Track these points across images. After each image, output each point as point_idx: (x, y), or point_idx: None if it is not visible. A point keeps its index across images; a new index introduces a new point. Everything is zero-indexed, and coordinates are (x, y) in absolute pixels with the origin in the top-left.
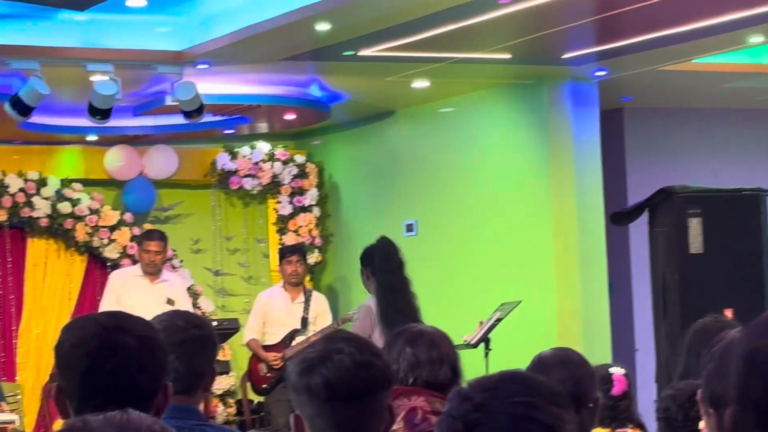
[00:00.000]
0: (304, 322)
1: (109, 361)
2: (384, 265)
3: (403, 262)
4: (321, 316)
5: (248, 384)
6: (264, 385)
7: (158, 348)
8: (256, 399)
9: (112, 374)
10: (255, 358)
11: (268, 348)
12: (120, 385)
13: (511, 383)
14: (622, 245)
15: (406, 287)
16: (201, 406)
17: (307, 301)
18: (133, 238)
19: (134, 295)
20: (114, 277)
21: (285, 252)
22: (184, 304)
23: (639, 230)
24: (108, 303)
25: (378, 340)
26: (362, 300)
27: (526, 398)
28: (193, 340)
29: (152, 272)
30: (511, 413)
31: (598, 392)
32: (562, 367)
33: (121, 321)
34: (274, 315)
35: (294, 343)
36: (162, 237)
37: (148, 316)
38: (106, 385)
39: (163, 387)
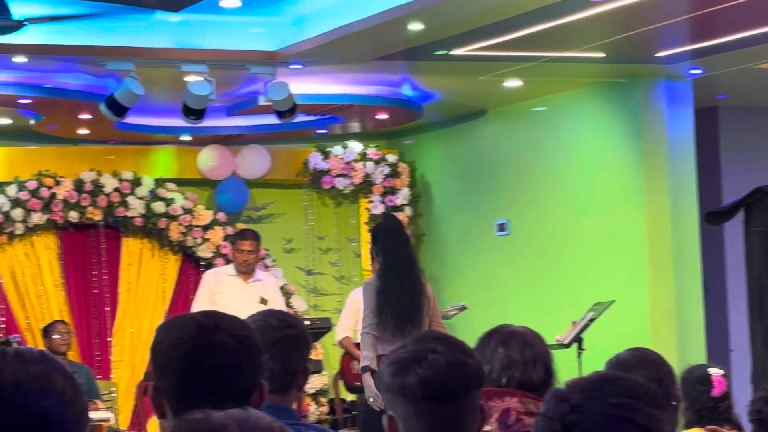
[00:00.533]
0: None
1: (208, 361)
2: (388, 242)
3: (407, 238)
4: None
5: (341, 383)
6: (357, 383)
7: (254, 347)
8: (349, 398)
9: (210, 373)
10: (347, 356)
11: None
12: (218, 384)
13: (609, 384)
14: (716, 245)
15: (410, 264)
16: (294, 405)
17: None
18: (226, 238)
19: (228, 294)
20: (207, 276)
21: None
22: (278, 304)
23: (734, 230)
24: (201, 302)
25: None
26: (456, 298)
27: (624, 399)
28: (287, 339)
29: (245, 272)
30: (608, 414)
31: (678, 390)
32: (643, 367)
33: (219, 320)
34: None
35: None
36: (255, 237)
37: (242, 315)
38: (205, 384)
39: (258, 386)
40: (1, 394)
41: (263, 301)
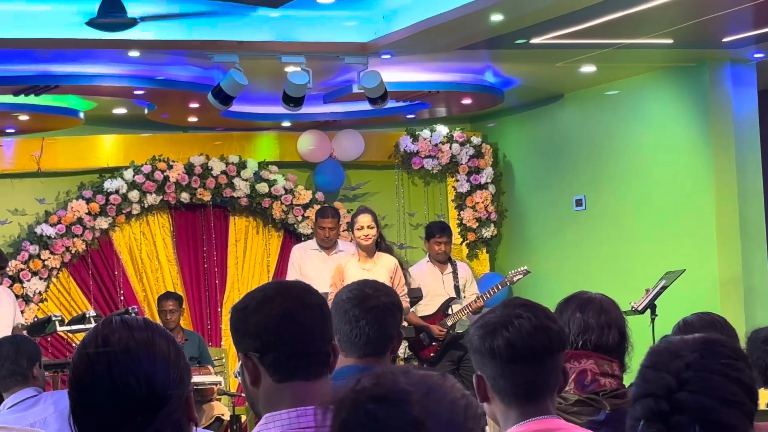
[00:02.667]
0: (458, 290)
1: (302, 314)
2: None
3: None
4: (469, 283)
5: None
6: (431, 354)
7: (327, 305)
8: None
9: (305, 327)
10: (413, 328)
11: (424, 319)
12: (312, 339)
13: (717, 346)
14: None
15: None
16: None
17: (455, 271)
18: None
19: (313, 267)
20: (294, 251)
21: (433, 232)
22: None
23: None
24: (291, 275)
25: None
26: (538, 272)
27: (733, 361)
28: (382, 306)
29: (327, 246)
30: (723, 374)
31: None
32: (710, 328)
33: (294, 282)
34: (428, 288)
35: (452, 311)
36: (335, 214)
37: (326, 284)
38: (303, 334)
39: (333, 345)
40: (110, 359)
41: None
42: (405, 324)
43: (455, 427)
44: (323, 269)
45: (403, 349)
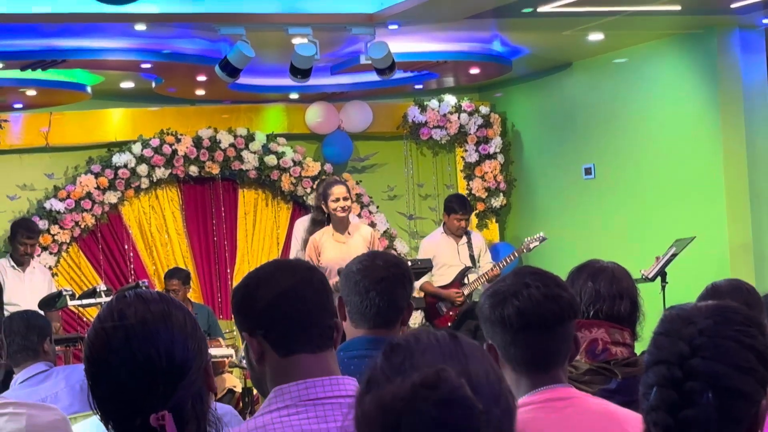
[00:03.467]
0: (473, 260)
1: (307, 288)
2: None
3: None
4: (483, 252)
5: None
6: (449, 323)
7: (321, 274)
8: None
9: (310, 299)
10: (431, 298)
11: (442, 288)
12: (316, 308)
13: (730, 312)
14: None
15: None
16: None
17: (469, 241)
18: None
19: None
20: (298, 224)
21: (455, 208)
22: None
23: None
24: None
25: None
26: (548, 240)
27: (747, 327)
28: (392, 278)
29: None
30: (736, 340)
31: (766, 320)
32: (736, 293)
33: (296, 261)
34: (443, 258)
35: (468, 281)
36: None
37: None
38: (307, 309)
39: (336, 323)
40: (128, 333)
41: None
42: (416, 295)
43: (497, 394)
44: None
45: (420, 319)
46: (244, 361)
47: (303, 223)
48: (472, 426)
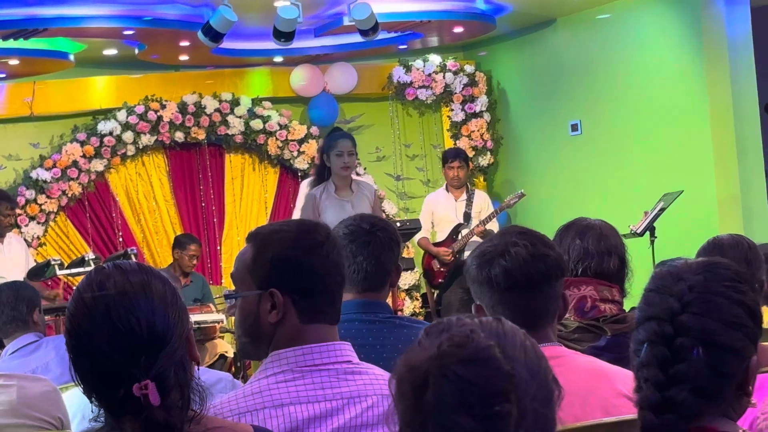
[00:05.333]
0: (467, 216)
1: (331, 254)
2: None
3: None
4: (485, 211)
5: (424, 281)
6: (440, 280)
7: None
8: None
9: (338, 264)
10: (428, 255)
11: (438, 245)
12: (342, 275)
13: (720, 269)
14: None
15: None
16: (389, 301)
17: (469, 199)
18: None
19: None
20: (303, 187)
21: (447, 157)
22: None
23: None
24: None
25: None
26: (536, 198)
27: (736, 283)
28: (379, 241)
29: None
30: (725, 296)
31: (764, 275)
32: (736, 248)
33: (317, 224)
34: (440, 214)
35: (460, 237)
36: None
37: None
38: (337, 275)
39: None
40: (109, 303)
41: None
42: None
43: (534, 369)
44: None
45: (418, 276)
46: (232, 310)
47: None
48: (500, 387)
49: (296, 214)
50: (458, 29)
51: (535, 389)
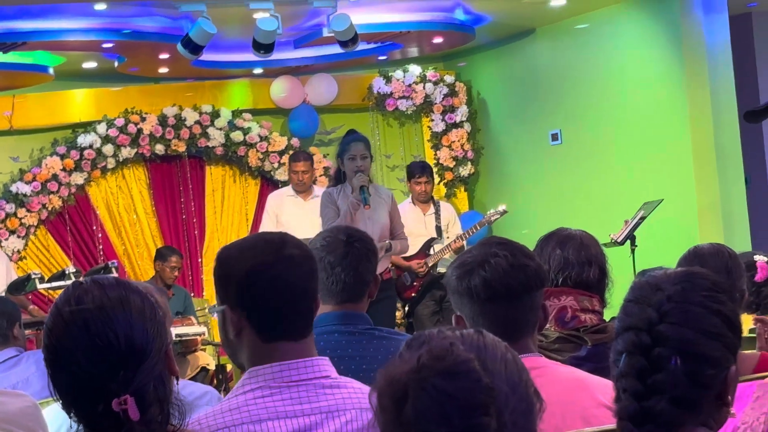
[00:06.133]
0: (439, 230)
1: (285, 273)
2: None
3: None
4: (452, 224)
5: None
6: (413, 294)
7: (314, 259)
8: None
9: (287, 286)
10: (396, 269)
11: (406, 259)
12: (294, 295)
13: (698, 278)
14: (756, 141)
15: None
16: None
17: (437, 212)
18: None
19: (290, 213)
20: (270, 199)
21: (413, 172)
22: None
23: None
24: (267, 224)
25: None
26: (517, 207)
27: (714, 293)
28: (356, 252)
29: (302, 191)
30: (703, 305)
31: (744, 284)
32: (717, 257)
33: (283, 236)
34: (408, 227)
35: (433, 251)
36: (308, 157)
37: (306, 231)
38: (288, 294)
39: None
40: (87, 318)
41: None
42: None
43: (515, 382)
44: (300, 215)
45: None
46: (217, 316)
47: (274, 197)
48: (479, 400)
49: (267, 225)
50: (438, 40)
51: (515, 402)
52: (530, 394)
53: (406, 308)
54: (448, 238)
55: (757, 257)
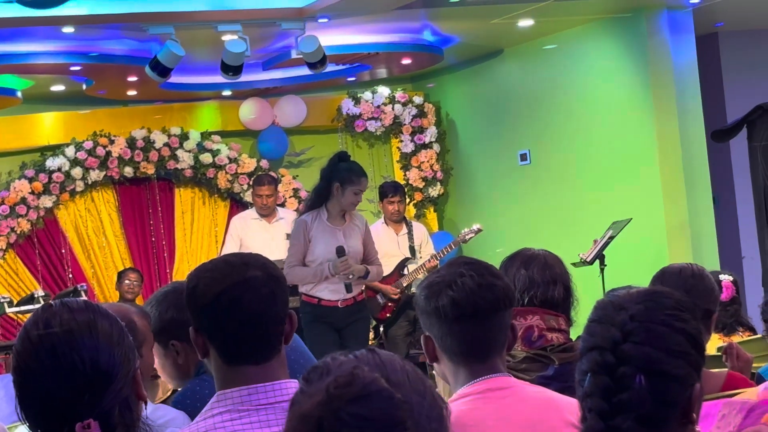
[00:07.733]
0: (413, 250)
1: (246, 295)
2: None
3: None
4: (425, 244)
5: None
6: (387, 315)
7: (281, 278)
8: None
9: (247, 307)
10: (369, 291)
11: (381, 280)
12: (255, 317)
13: (662, 297)
14: (723, 161)
15: None
16: None
17: (410, 232)
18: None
19: (254, 236)
20: (234, 222)
21: (386, 192)
22: None
23: (739, 146)
24: (229, 247)
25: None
26: (486, 227)
27: (677, 312)
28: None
29: (266, 214)
30: (667, 324)
31: (716, 305)
32: (688, 279)
33: (245, 257)
34: (382, 248)
35: (407, 271)
36: (272, 181)
37: (269, 252)
38: (244, 318)
39: (289, 315)
40: (54, 341)
41: (289, 236)
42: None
43: (421, 391)
44: (265, 237)
45: None
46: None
47: (238, 220)
48: (396, 416)
49: (229, 248)
50: (406, 61)
51: (427, 409)
52: (437, 399)
53: (381, 329)
54: (421, 258)
55: (722, 276)
